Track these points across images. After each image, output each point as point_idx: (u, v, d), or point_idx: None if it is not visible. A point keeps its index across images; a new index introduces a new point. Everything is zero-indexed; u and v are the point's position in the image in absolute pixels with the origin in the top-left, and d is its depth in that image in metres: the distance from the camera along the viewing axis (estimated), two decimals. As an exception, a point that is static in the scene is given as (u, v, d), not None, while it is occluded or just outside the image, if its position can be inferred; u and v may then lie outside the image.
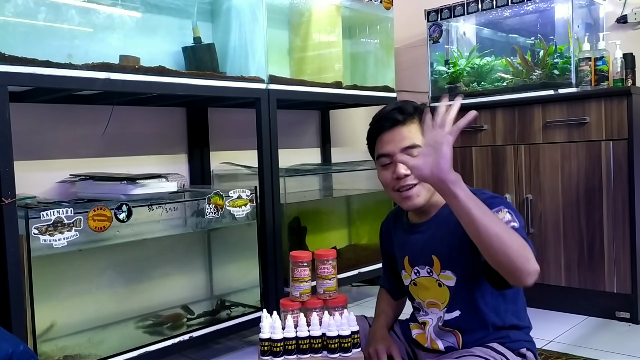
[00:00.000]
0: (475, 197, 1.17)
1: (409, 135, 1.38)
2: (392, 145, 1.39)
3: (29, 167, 2.06)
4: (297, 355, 1.38)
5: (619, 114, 2.39)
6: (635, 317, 2.40)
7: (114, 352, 1.79)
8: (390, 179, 1.39)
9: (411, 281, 1.49)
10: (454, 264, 1.38)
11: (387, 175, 1.40)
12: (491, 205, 1.29)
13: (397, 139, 1.38)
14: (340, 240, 2.99)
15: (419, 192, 1.38)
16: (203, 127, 2.59)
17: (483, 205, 1.16)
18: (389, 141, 1.39)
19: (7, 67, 1.55)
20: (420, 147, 1.34)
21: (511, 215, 1.29)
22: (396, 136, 1.38)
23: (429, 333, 1.44)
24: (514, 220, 1.28)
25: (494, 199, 1.33)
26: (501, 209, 1.30)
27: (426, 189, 1.38)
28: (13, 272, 1.55)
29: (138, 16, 2.26)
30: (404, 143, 1.37)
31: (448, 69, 3.12)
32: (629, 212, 2.39)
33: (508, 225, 1.23)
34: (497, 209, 1.29)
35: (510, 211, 1.30)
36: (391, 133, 1.39)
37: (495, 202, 1.32)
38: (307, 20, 2.73)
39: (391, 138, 1.39)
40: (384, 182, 1.42)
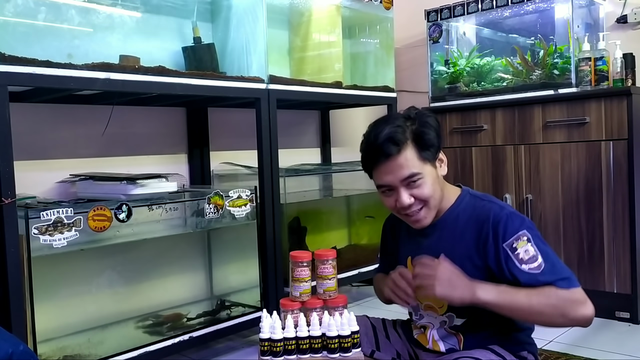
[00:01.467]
0: (501, 288, 1.26)
1: (405, 164, 1.32)
2: (391, 177, 1.34)
3: (29, 167, 2.06)
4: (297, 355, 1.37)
5: (619, 114, 2.39)
6: (635, 317, 2.40)
7: (114, 352, 1.79)
8: (395, 205, 1.38)
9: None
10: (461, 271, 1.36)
11: (390, 202, 1.38)
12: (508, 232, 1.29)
13: (395, 170, 1.33)
14: (340, 240, 2.99)
15: (426, 213, 1.37)
16: (203, 127, 2.59)
17: (510, 292, 1.25)
18: (387, 172, 1.34)
19: (7, 67, 1.55)
20: (420, 174, 1.32)
21: (533, 247, 1.28)
22: (394, 166, 1.33)
23: (431, 335, 1.44)
24: (537, 254, 1.27)
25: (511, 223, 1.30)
26: (520, 238, 1.28)
27: (433, 208, 1.37)
28: (13, 272, 1.55)
29: (138, 16, 2.26)
30: (403, 173, 1.33)
31: (448, 69, 3.12)
32: (629, 212, 2.39)
33: (535, 262, 1.26)
34: (517, 237, 1.28)
35: (530, 237, 1.29)
36: (387, 164, 1.33)
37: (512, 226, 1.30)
38: (307, 20, 2.73)
39: (389, 169, 1.33)
40: (388, 207, 1.41)
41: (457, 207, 1.41)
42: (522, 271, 1.27)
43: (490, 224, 1.32)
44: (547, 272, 1.26)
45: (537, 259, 1.27)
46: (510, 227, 1.30)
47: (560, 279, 1.25)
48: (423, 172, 1.34)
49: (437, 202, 1.38)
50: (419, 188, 1.33)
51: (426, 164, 1.35)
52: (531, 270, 1.26)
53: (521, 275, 1.27)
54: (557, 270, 1.27)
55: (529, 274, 1.26)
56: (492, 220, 1.32)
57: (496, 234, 1.30)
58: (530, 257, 1.27)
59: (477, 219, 1.35)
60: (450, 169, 2.92)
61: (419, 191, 1.34)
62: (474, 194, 1.44)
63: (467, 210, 1.39)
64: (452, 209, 1.41)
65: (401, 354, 1.51)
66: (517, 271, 1.27)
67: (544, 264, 1.26)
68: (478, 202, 1.39)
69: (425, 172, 1.34)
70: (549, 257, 1.28)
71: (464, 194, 1.43)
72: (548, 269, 1.26)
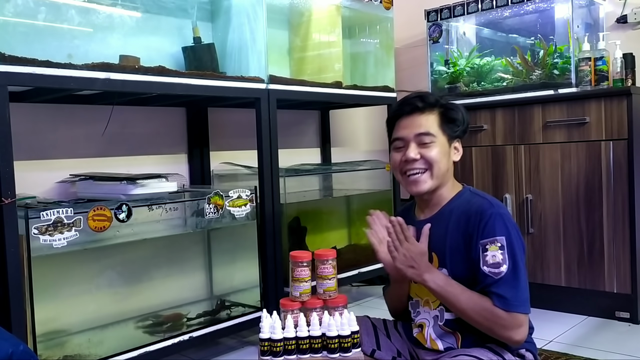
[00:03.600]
0: (449, 283, 1.33)
1: (425, 124, 1.42)
2: (407, 131, 1.43)
3: (29, 167, 2.06)
4: (297, 355, 1.37)
5: (618, 114, 2.39)
6: (635, 317, 2.40)
7: (114, 352, 1.79)
8: (399, 161, 1.44)
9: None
10: (450, 263, 1.40)
11: (396, 157, 1.45)
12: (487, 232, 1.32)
13: (413, 125, 1.42)
14: (340, 240, 2.98)
15: (427, 178, 1.42)
16: (203, 127, 2.59)
17: (453, 291, 1.33)
18: (406, 126, 1.43)
19: (7, 67, 1.55)
20: (434, 137, 1.40)
21: (503, 254, 1.30)
22: (414, 122, 1.43)
23: (428, 334, 1.44)
24: (503, 262, 1.29)
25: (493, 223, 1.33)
26: (495, 242, 1.31)
27: (435, 177, 1.41)
28: (13, 272, 1.55)
29: (138, 16, 2.26)
30: (419, 129, 1.41)
31: (448, 69, 3.12)
32: (629, 212, 2.39)
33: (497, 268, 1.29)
34: (491, 240, 1.31)
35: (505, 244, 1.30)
36: (409, 119, 1.43)
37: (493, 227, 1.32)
38: (307, 20, 2.73)
39: (408, 123, 1.43)
40: (393, 163, 1.47)
41: (454, 202, 1.45)
42: (482, 271, 1.31)
43: (477, 219, 1.35)
44: (502, 284, 1.29)
45: (500, 267, 1.30)
46: (490, 228, 1.33)
47: (508, 297, 1.28)
48: (438, 138, 1.41)
49: (440, 174, 1.41)
50: (428, 149, 1.40)
51: (444, 135, 1.43)
52: (490, 273, 1.30)
53: (480, 273, 1.32)
54: (509, 289, 1.29)
55: (485, 275, 1.31)
56: (479, 216, 1.35)
57: (478, 229, 1.34)
58: (495, 262, 1.30)
59: (467, 214, 1.39)
60: (450, 169, 2.92)
61: (427, 151, 1.40)
62: (474, 191, 1.47)
63: (462, 205, 1.42)
64: (449, 204, 1.45)
65: (402, 352, 1.51)
66: (479, 269, 1.32)
67: (504, 274, 1.29)
68: (474, 198, 1.42)
69: (440, 140, 1.42)
70: (515, 272, 1.30)
71: (464, 190, 1.47)
72: (505, 281, 1.29)
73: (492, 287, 1.30)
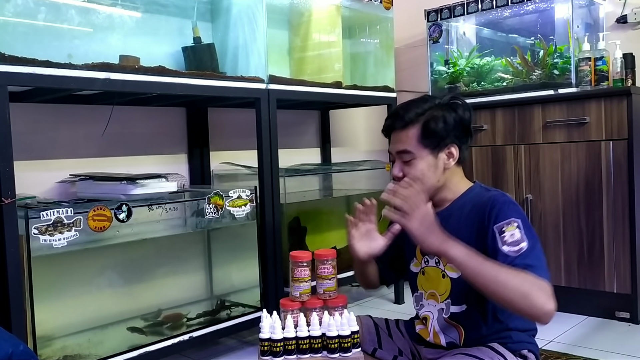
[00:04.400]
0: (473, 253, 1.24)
1: (404, 140, 1.43)
2: (393, 147, 1.47)
3: (29, 167, 2.06)
4: (297, 355, 1.37)
5: (618, 114, 2.39)
6: (635, 317, 2.40)
7: (113, 352, 1.79)
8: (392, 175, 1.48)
9: (421, 269, 1.50)
10: None
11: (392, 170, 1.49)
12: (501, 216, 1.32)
13: (396, 141, 1.46)
14: (340, 240, 2.98)
15: None
16: (203, 127, 2.59)
17: (479, 258, 1.23)
18: (392, 141, 1.48)
19: (7, 67, 1.55)
20: (413, 154, 1.41)
21: (520, 232, 1.28)
22: (395, 138, 1.46)
23: (432, 327, 1.44)
24: (522, 239, 1.27)
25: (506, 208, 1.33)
26: (511, 223, 1.30)
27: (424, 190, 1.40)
28: (13, 272, 1.55)
29: (138, 16, 2.26)
30: (398, 147, 1.44)
31: (448, 69, 3.12)
32: (629, 212, 2.39)
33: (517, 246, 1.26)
34: (507, 222, 1.30)
35: (521, 225, 1.30)
36: (394, 135, 1.47)
37: (507, 212, 1.32)
38: (307, 20, 2.73)
39: (395, 139, 1.46)
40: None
41: (465, 197, 1.46)
42: (501, 251, 1.28)
43: (488, 207, 1.36)
44: (524, 257, 1.25)
45: (520, 244, 1.27)
46: (504, 212, 1.33)
47: (534, 266, 1.24)
48: (417, 154, 1.41)
49: (425, 188, 1.39)
50: (410, 166, 1.42)
51: (424, 149, 1.42)
52: (510, 252, 1.27)
53: (499, 254, 1.28)
54: (534, 259, 1.26)
55: (506, 255, 1.27)
56: (491, 204, 1.36)
57: (490, 216, 1.34)
58: (514, 240, 1.28)
59: (480, 205, 1.39)
60: (450, 169, 2.92)
61: (409, 169, 1.42)
62: (485, 187, 1.49)
63: (473, 200, 1.44)
64: (460, 199, 1.46)
65: (403, 351, 1.51)
66: (498, 250, 1.29)
67: (524, 250, 1.26)
68: (485, 193, 1.44)
69: (420, 155, 1.42)
70: (534, 248, 1.28)
71: (475, 186, 1.49)
72: (526, 255, 1.26)
73: (516, 260, 1.24)
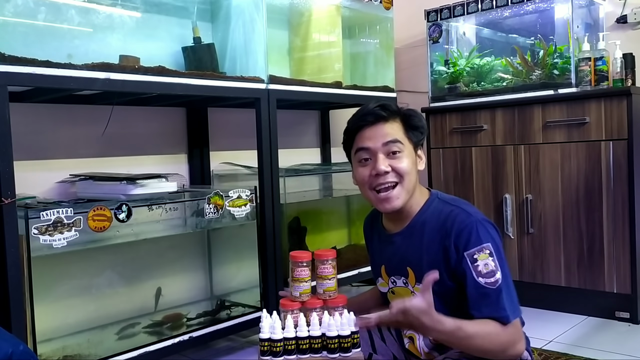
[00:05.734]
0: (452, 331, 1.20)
1: (390, 132, 1.35)
2: (374, 141, 1.35)
3: (29, 167, 2.06)
4: (297, 356, 1.37)
5: (618, 114, 2.39)
6: (635, 317, 2.40)
7: (113, 352, 1.79)
8: (369, 175, 1.36)
9: (389, 289, 1.49)
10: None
11: (365, 172, 1.37)
12: (472, 242, 1.27)
13: (379, 135, 1.35)
14: (340, 240, 2.99)
15: (399, 193, 1.35)
16: (203, 127, 2.59)
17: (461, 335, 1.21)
18: (371, 137, 1.35)
19: (7, 67, 1.55)
20: (402, 144, 1.34)
21: (494, 261, 1.26)
22: (378, 131, 1.35)
23: (421, 347, 1.43)
24: (496, 269, 1.25)
25: (475, 232, 1.28)
26: (483, 250, 1.26)
27: (406, 191, 1.36)
28: (13, 272, 1.55)
29: (138, 16, 2.26)
30: (386, 138, 1.34)
31: (448, 69, 3.12)
32: (629, 212, 2.39)
33: (492, 277, 1.24)
34: (479, 249, 1.26)
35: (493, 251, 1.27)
36: (373, 129, 1.36)
37: (477, 236, 1.28)
38: (307, 20, 2.73)
39: (373, 134, 1.35)
40: (361, 179, 1.38)
41: (424, 213, 1.39)
42: (478, 283, 1.26)
43: (455, 232, 1.30)
44: (502, 297, 1.25)
45: (495, 274, 1.26)
46: (474, 237, 1.28)
47: (508, 308, 1.24)
48: (405, 146, 1.35)
49: (411, 186, 1.36)
50: (398, 160, 1.34)
51: (410, 143, 1.37)
52: (487, 284, 1.25)
53: (476, 287, 1.26)
54: (508, 295, 1.26)
55: (483, 287, 1.25)
56: (457, 228, 1.30)
57: (459, 241, 1.29)
58: (488, 271, 1.26)
59: (443, 228, 1.33)
60: (450, 169, 2.92)
61: (397, 163, 1.34)
62: (443, 198, 1.41)
63: (434, 216, 1.37)
64: (419, 215, 1.39)
65: (397, 356, 1.51)
66: (473, 282, 1.26)
67: (500, 281, 1.25)
68: (446, 208, 1.36)
69: (407, 149, 1.36)
70: (506, 277, 1.27)
71: (432, 198, 1.41)
72: (503, 291, 1.25)
73: (496, 302, 1.24)
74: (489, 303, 1.25)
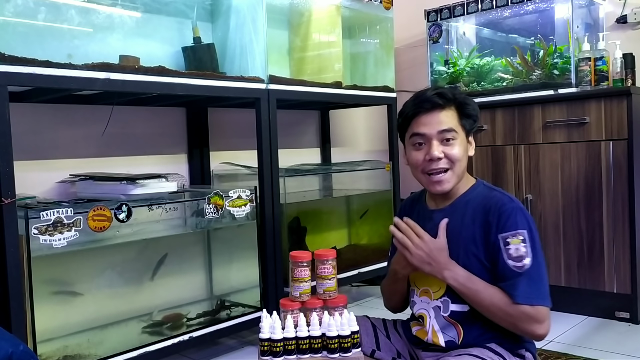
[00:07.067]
0: (471, 279, 1.33)
1: (446, 120, 1.40)
2: (429, 127, 1.40)
3: (29, 167, 2.06)
4: (297, 355, 1.38)
5: (618, 114, 2.39)
6: (635, 317, 2.40)
7: (113, 352, 1.79)
8: (422, 160, 1.42)
9: None
10: (460, 256, 1.39)
11: (418, 156, 1.43)
12: (508, 226, 1.32)
13: (434, 122, 1.40)
14: (340, 240, 2.99)
15: (450, 177, 1.41)
16: (203, 127, 2.59)
17: (473, 288, 1.33)
18: (427, 123, 1.41)
19: (7, 67, 1.55)
20: (456, 132, 1.40)
21: (526, 247, 1.31)
22: (434, 118, 1.40)
23: (431, 325, 1.43)
24: (526, 255, 1.30)
25: (513, 217, 1.33)
26: (517, 235, 1.32)
27: (456, 176, 1.41)
28: (13, 272, 1.55)
29: (138, 16, 2.26)
30: (441, 126, 1.40)
31: (448, 69, 3.12)
32: (629, 212, 2.39)
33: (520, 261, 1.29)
34: (513, 234, 1.32)
35: (527, 238, 1.31)
36: (429, 116, 1.41)
37: (514, 221, 1.33)
38: (307, 20, 2.73)
39: (428, 120, 1.41)
40: (414, 162, 1.44)
41: (469, 194, 1.45)
42: (506, 264, 1.32)
43: (496, 212, 1.36)
44: (526, 278, 1.29)
45: (524, 259, 1.30)
46: (512, 221, 1.33)
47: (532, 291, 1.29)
48: (459, 134, 1.41)
49: (461, 172, 1.42)
50: (451, 147, 1.40)
51: (463, 131, 1.42)
52: (514, 267, 1.31)
53: (503, 267, 1.32)
54: (535, 280, 1.30)
55: (510, 270, 1.31)
56: (498, 210, 1.36)
57: (497, 222, 1.35)
58: (518, 255, 1.31)
59: (486, 207, 1.39)
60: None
61: (450, 150, 1.40)
62: (488, 185, 1.47)
63: (477, 198, 1.43)
64: (464, 196, 1.45)
65: (402, 353, 1.51)
66: (502, 262, 1.32)
67: (527, 267, 1.30)
68: (491, 192, 1.43)
69: (460, 136, 1.41)
70: (537, 265, 1.31)
71: (478, 184, 1.48)
72: (529, 274, 1.29)
73: (515, 281, 1.29)
74: (508, 280, 1.31)
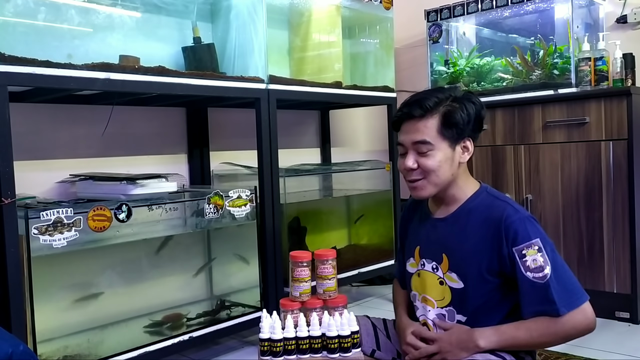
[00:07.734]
0: (501, 330, 1.31)
1: (423, 130, 1.37)
2: (406, 137, 1.40)
3: (29, 167, 2.06)
4: (297, 355, 1.38)
5: (618, 114, 2.39)
6: (635, 317, 2.41)
7: (113, 352, 1.79)
8: (402, 167, 1.43)
9: (417, 271, 1.48)
10: (463, 268, 1.37)
11: (400, 163, 1.44)
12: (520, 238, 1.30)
13: (411, 132, 1.39)
14: (340, 240, 2.99)
15: (423, 185, 1.39)
16: (203, 127, 2.59)
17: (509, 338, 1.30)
18: (406, 132, 1.40)
19: (7, 67, 1.55)
20: (431, 145, 1.36)
21: (543, 256, 1.29)
22: (412, 128, 1.39)
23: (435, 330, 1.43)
24: (545, 264, 1.28)
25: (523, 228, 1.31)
26: (531, 246, 1.29)
27: (433, 184, 1.39)
28: (13, 272, 1.55)
29: (138, 16, 2.26)
30: (415, 137, 1.38)
31: (448, 69, 3.12)
32: (629, 212, 2.39)
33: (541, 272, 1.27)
34: (527, 245, 1.29)
35: (541, 246, 1.29)
36: (408, 124, 1.40)
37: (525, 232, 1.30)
38: (307, 20, 2.73)
39: (408, 129, 1.40)
40: (399, 167, 1.46)
41: (471, 203, 1.41)
42: (527, 279, 1.28)
43: (503, 225, 1.32)
44: (551, 290, 1.27)
45: (543, 269, 1.28)
46: (523, 233, 1.30)
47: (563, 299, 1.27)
48: (436, 145, 1.37)
49: (440, 181, 1.39)
50: (426, 158, 1.37)
51: (444, 140, 1.38)
52: (535, 279, 1.28)
53: (523, 280, 1.29)
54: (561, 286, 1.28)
55: (531, 282, 1.28)
56: (505, 223, 1.32)
57: (507, 237, 1.31)
58: (537, 266, 1.28)
59: (491, 219, 1.35)
60: (450, 169, 2.92)
61: (425, 161, 1.37)
62: (491, 193, 1.43)
63: (480, 208, 1.39)
64: (466, 204, 1.42)
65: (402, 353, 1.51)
66: (521, 276, 1.29)
67: (549, 275, 1.27)
68: (494, 202, 1.39)
69: (439, 147, 1.37)
70: (557, 270, 1.29)
71: (481, 190, 1.44)
72: (552, 285, 1.27)
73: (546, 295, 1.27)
74: (538, 298, 1.28)
